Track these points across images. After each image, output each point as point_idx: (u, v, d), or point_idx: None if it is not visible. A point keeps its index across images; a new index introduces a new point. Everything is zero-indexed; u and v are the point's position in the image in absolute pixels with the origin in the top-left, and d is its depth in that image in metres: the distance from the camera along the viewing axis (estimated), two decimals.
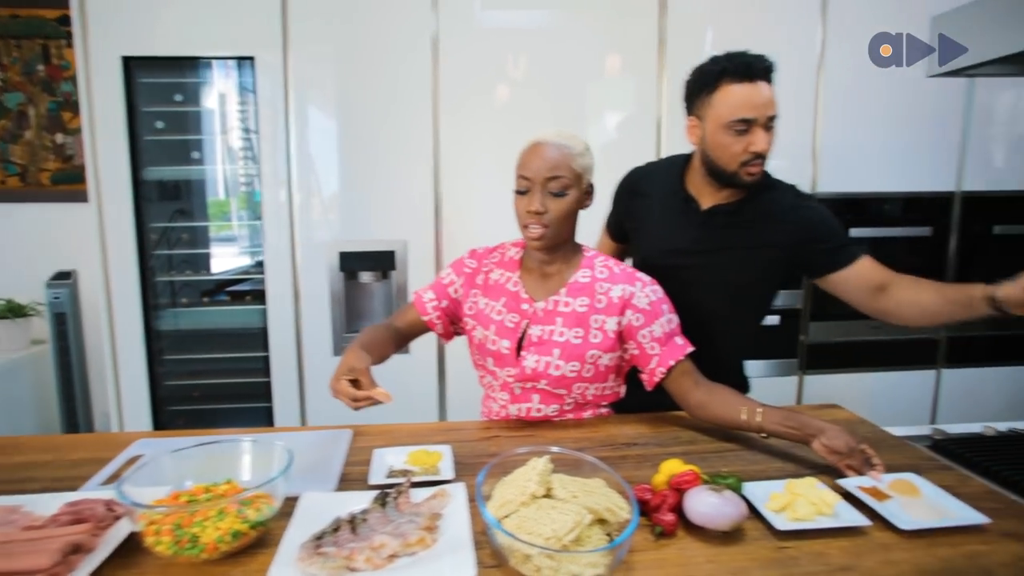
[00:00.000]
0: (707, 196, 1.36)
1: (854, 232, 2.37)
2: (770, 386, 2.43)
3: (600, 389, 1.27)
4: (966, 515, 0.87)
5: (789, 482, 0.94)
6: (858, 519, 0.86)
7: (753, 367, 2.40)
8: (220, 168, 2.42)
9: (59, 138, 2.60)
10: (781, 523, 0.86)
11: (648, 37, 2.24)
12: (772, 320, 2.39)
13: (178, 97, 2.26)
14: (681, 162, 1.43)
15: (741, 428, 1.16)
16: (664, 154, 2.28)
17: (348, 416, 1.20)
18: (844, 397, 1.52)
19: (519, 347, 1.24)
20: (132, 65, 2.12)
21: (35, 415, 2.57)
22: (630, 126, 2.28)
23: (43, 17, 2.52)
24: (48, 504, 0.89)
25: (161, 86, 2.23)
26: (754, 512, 0.90)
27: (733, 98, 1.23)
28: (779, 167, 2.29)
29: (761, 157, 1.27)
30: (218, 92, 2.33)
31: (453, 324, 1.37)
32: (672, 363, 1.21)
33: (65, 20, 2.51)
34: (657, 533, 0.86)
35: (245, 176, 2.42)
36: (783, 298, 2.40)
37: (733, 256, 1.34)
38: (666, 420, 1.30)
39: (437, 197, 2.22)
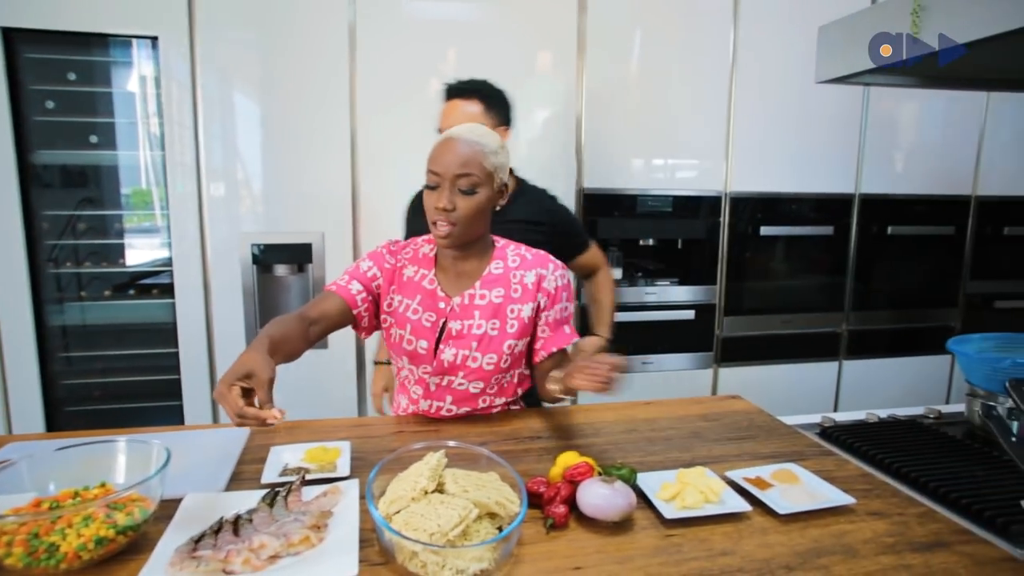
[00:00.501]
0: None
1: (765, 230, 2.49)
2: (686, 378, 2.52)
3: (515, 376, 1.28)
4: (836, 497, 0.93)
5: (680, 472, 0.97)
6: (740, 505, 0.90)
7: (670, 360, 2.49)
8: (140, 155, 2.26)
9: None
10: (669, 511, 0.89)
11: (568, 36, 2.26)
12: (688, 315, 2.48)
13: (71, 76, 2.10)
14: None
15: (559, 398, 1.19)
16: (585, 152, 2.32)
17: None
18: (755, 388, 1.60)
19: (437, 343, 1.22)
20: (14, 38, 1.95)
21: None
22: (554, 123, 2.30)
23: None
24: None
25: (51, 62, 2.07)
26: (647, 502, 0.92)
27: (445, 110, 1.62)
28: (693, 167, 2.41)
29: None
30: (122, 73, 2.18)
31: (376, 318, 1.30)
32: (554, 349, 1.24)
33: None
34: (548, 525, 0.86)
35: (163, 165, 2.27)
36: (699, 293, 2.49)
37: None
38: (572, 413, 1.32)
39: (355, 190, 2.17)
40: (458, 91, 1.62)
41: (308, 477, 0.96)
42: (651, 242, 2.53)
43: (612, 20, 2.29)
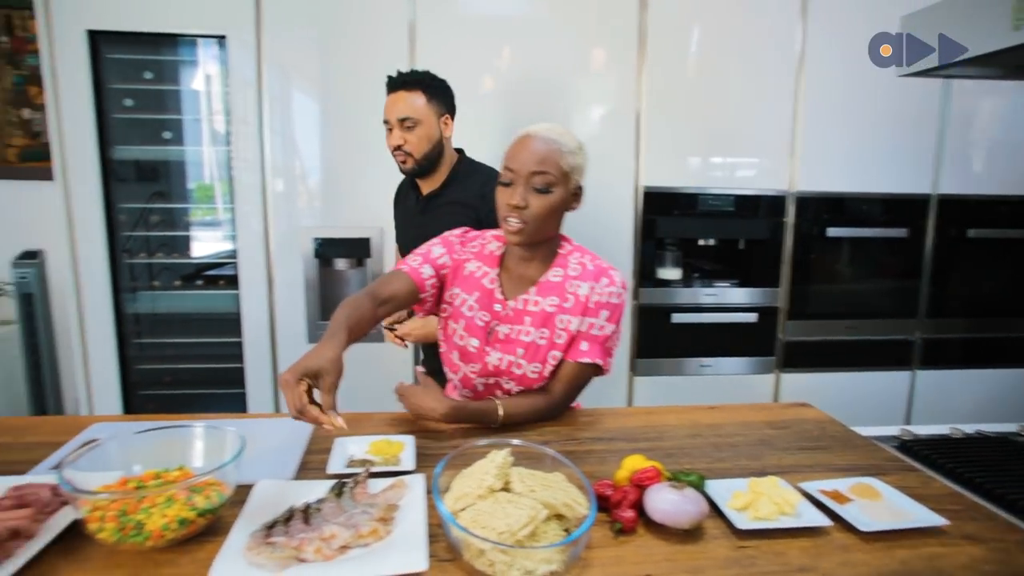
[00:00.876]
0: (425, 185, 1.68)
1: (832, 231, 2.39)
2: (746, 383, 2.44)
3: None
4: (925, 517, 0.87)
5: (752, 480, 0.93)
6: (819, 519, 0.86)
7: (729, 364, 2.42)
8: (205, 151, 2.36)
9: (26, 113, 2.53)
10: (742, 522, 0.85)
11: (628, 32, 2.22)
12: (750, 317, 2.40)
13: (148, 75, 2.20)
14: None
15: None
16: (644, 150, 2.27)
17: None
18: (819, 396, 1.53)
19: (486, 344, 1.22)
20: (98, 40, 2.06)
21: (3, 394, 2.51)
22: (612, 120, 2.27)
23: None
24: None
25: (130, 63, 2.17)
26: (716, 510, 0.89)
27: (384, 105, 1.62)
28: (756, 165, 2.33)
29: (400, 150, 1.59)
30: (191, 71, 2.27)
31: (437, 304, 1.31)
32: (562, 360, 1.20)
33: None
34: (616, 530, 0.84)
35: (229, 160, 2.35)
36: (761, 296, 2.41)
37: (436, 234, 1.44)
38: (633, 415, 1.30)
39: None
40: (401, 83, 1.60)
41: (373, 470, 0.97)
42: (711, 242, 2.46)
43: (673, 16, 2.24)
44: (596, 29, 2.23)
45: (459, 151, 1.71)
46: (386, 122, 1.61)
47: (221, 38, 2.09)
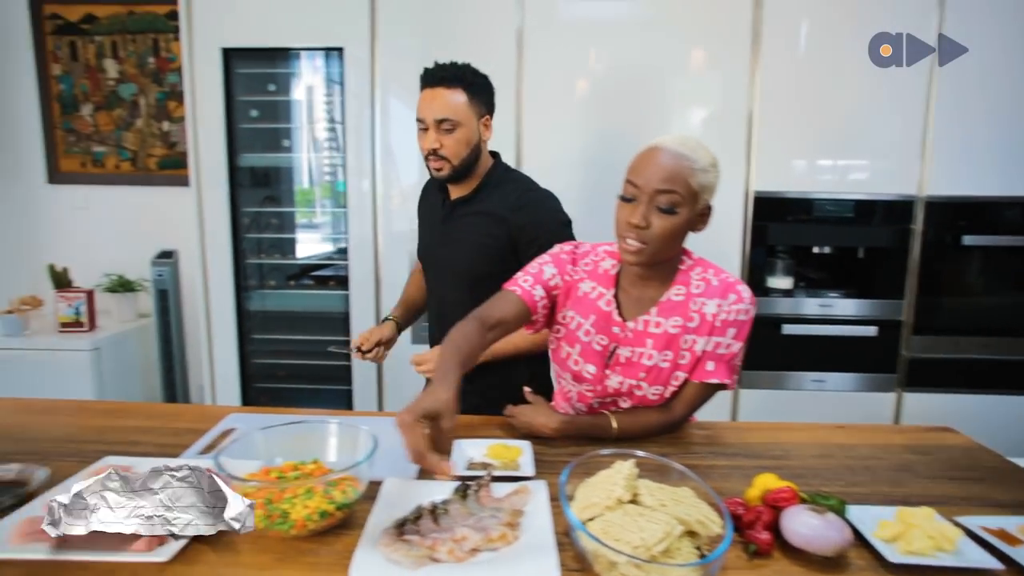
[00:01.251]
0: (454, 190, 1.49)
1: (968, 240, 2.18)
2: (863, 401, 2.28)
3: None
4: None
5: (901, 510, 0.86)
6: (985, 559, 0.77)
7: (844, 380, 2.26)
8: (305, 157, 2.51)
9: (165, 126, 2.78)
10: (893, 555, 0.78)
11: (742, 29, 2.13)
12: (868, 331, 2.24)
13: (271, 87, 2.35)
14: None
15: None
16: (755, 153, 2.17)
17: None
18: (952, 421, 1.38)
19: (605, 368, 1.18)
20: (230, 56, 2.22)
21: (140, 383, 2.77)
22: (719, 122, 2.19)
23: (155, 13, 2.69)
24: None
25: (256, 76, 2.33)
26: (859, 539, 0.83)
27: (419, 100, 1.42)
28: (879, 168, 2.16)
29: (435, 154, 1.40)
30: (307, 83, 2.41)
31: (547, 324, 1.26)
32: (686, 379, 1.15)
33: (173, 15, 2.66)
34: (751, 552, 0.80)
35: (329, 165, 2.49)
36: (881, 308, 2.24)
37: (470, 245, 1.44)
38: (756, 431, 1.23)
39: None
40: (440, 78, 1.38)
41: (494, 474, 0.97)
42: (826, 250, 2.31)
43: (789, 10, 2.13)
44: (705, 28, 2.16)
45: (494, 155, 1.52)
46: (420, 121, 1.41)
47: (339, 50, 2.20)
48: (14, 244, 2.82)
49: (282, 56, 2.34)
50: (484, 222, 1.43)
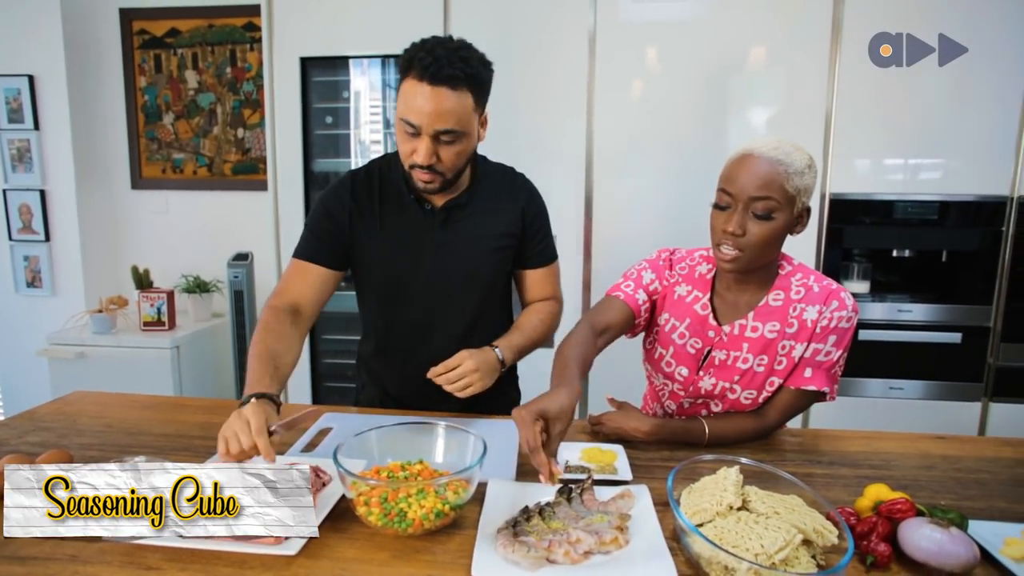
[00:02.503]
0: (440, 196, 1.23)
1: None
2: (945, 411, 2.18)
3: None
4: None
5: None
6: None
7: (924, 388, 2.18)
8: (353, 162, 2.55)
9: (240, 133, 2.89)
10: None
11: (821, 25, 2.07)
12: (952, 337, 2.14)
13: (345, 94, 2.42)
14: (396, 162, 1.24)
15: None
16: (833, 151, 2.12)
17: (495, 407, 1.28)
18: None
19: (698, 370, 1.18)
20: (307, 64, 2.30)
21: (215, 381, 2.89)
22: (792, 121, 2.13)
23: (233, 25, 2.80)
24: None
25: (330, 84, 2.40)
26: (987, 557, 0.80)
27: (409, 95, 1.07)
28: (967, 168, 2.06)
29: (427, 168, 1.11)
30: (379, 89, 2.46)
31: (648, 329, 1.27)
32: (782, 385, 1.13)
33: (250, 27, 2.78)
34: (869, 563, 0.79)
35: None
36: (967, 314, 2.14)
37: (486, 245, 1.28)
38: (851, 439, 1.20)
39: (588, 194, 2.20)
40: (446, 76, 1.05)
41: (595, 477, 0.98)
42: (906, 253, 2.23)
43: (868, 5, 2.06)
44: (781, 26, 2.10)
45: None
46: (410, 124, 1.08)
47: None
48: (102, 246, 2.99)
49: (356, 64, 2.41)
50: (493, 218, 1.27)
